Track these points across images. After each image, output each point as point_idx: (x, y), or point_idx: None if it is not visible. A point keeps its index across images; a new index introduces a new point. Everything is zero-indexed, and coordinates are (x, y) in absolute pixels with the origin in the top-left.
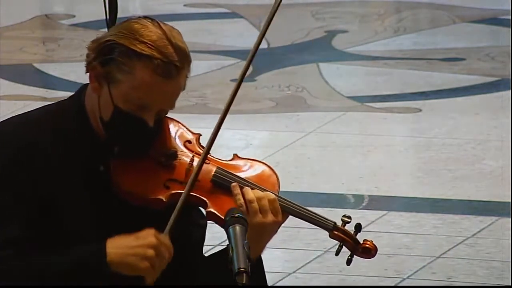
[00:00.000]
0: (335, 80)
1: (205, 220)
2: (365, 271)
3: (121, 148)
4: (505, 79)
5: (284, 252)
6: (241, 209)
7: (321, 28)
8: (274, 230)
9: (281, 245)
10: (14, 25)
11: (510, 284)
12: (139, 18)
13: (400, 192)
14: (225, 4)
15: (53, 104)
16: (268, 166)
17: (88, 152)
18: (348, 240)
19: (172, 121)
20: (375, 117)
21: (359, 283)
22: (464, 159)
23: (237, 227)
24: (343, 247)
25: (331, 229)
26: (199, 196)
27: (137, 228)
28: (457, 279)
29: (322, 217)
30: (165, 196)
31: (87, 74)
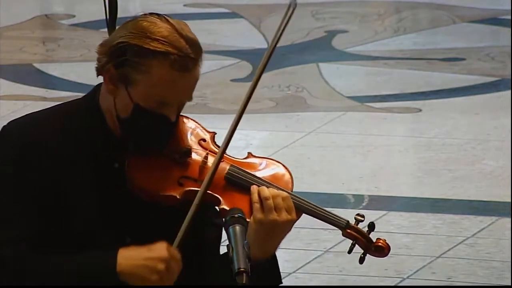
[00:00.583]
0: (335, 80)
1: (221, 219)
2: (365, 271)
3: (137, 145)
4: (505, 79)
5: (284, 252)
6: (256, 206)
7: (321, 28)
8: (288, 228)
9: (281, 245)
10: (14, 25)
11: (510, 284)
12: (145, 16)
13: (400, 192)
14: (225, 4)
15: (67, 103)
16: (282, 165)
17: (102, 150)
18: (361, 239)
19: (187, 119)
20: (375, 117)
21: (359, 283)
22: (464, 159)
23: (237, 227)
24: (356, 246)
25: (344, 228)
26: (213, 194)
27: (149, 226)
28: (457, 279)
29: (336, 216)
30: (179, 193)
31: (99, 77)
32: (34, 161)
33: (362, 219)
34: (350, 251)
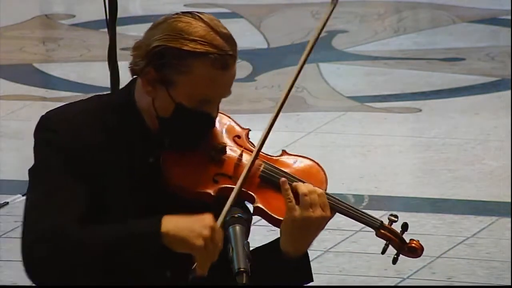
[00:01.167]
0: (335, 80)
1: (249, 215)
2: (365, 271)
3: (173, 141)
4: (505, 79)
5: None
6: (289, 204)
7: None
8: (322, 225)
9: None
10: (14, 25)
11: (510, 284)
12: (179, 15)
13: (400, 192)
14: (225, 4)
15: (103, 97)
16: (316, 163)
17: (138, 145)
18: (395, 239)
19: (222, 115)
20: (375, 117)
21: (359, 283)
22: (464, 159)
23: (237, 227)
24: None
25: (378, 228)
26: (247, 191)
27: None
28: (457, 279)
29: (369, 216)
30: (214, 190)
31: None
32: (74, 151)
33: (396, 220)
34: (384, 252)
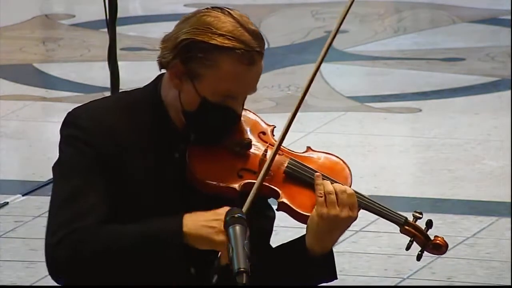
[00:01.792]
0: (335, 80)
1: (273, 212)
2: (365, 271)
3: (199, 137)
4: (505, 79)
5: None
6: (320, 200)
7: (321, 28)
8: (348, 225)
9: None
10: (14, 25)
11: (510, 284)
12: (208, 10)
13: (400, 192)
14: (225, 4)
15: (129, 93)
16: (341, 160)
17: (164, 140)
18: (419, 236)
19: (247, 111)
20: (375, 117)
21: (359, 283)
22: (464, 159)
23: (237, 227)
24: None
25: (402, 224)
26: (272, 187)
27: None
28: (457, 279)
29: (394, 212)
30: (238, 185)
31: (162, 70)
32: (101, 144)
33: (421, 216)
34: (408, 248)
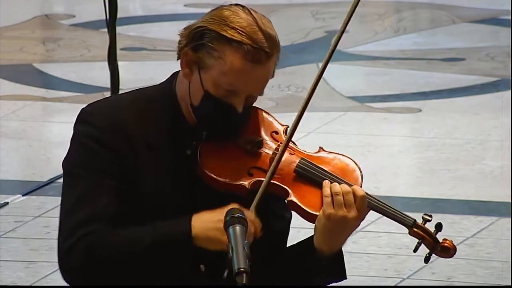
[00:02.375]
0: (335, 80)
1: (290, 214)
2: (365, 271)
3: (210, 134)
4: (505, 79)
5: None
6: (327, 200)
7: (321, 28)
8: (356, 225)
9: None
10: (14, 25)
11: (510, 284)
12: (231, 5)
13: (400, 192)
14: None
15: (145, 90)
16: (353, 161)
17: (176, 137)
18: (428, 238)
19: (261, 111)
20: (375, 117)
21: (359, 283)
22: (464, 159)
23: (237, 227)
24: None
25: (411, 226)
26: (281, 185)
27: None
28: (457, 279)
29: (403, 214)
30: (248, 183)
31: (179, 61)
32: (114, 143)
33: (430, 219)
34: (416, 250)
